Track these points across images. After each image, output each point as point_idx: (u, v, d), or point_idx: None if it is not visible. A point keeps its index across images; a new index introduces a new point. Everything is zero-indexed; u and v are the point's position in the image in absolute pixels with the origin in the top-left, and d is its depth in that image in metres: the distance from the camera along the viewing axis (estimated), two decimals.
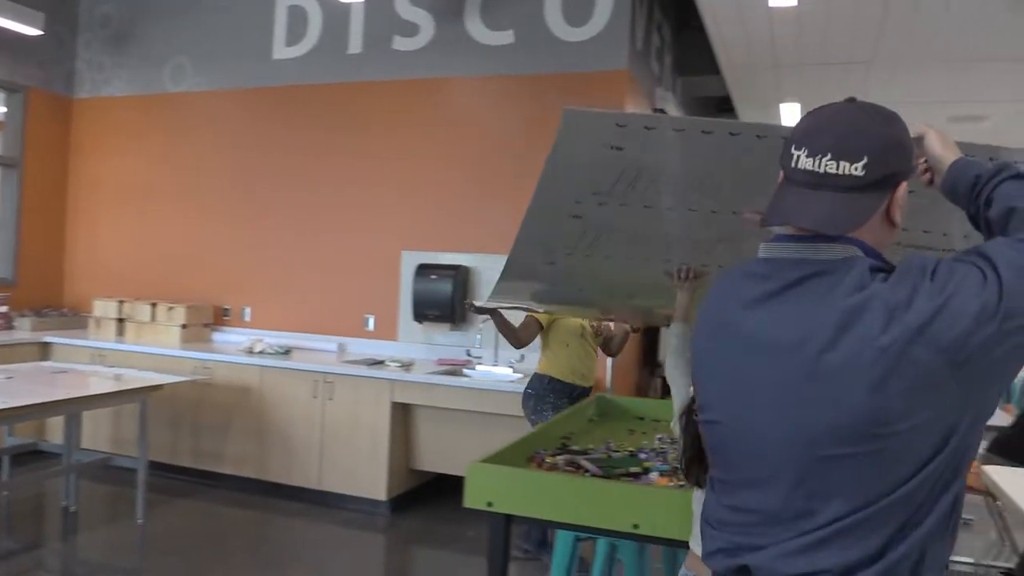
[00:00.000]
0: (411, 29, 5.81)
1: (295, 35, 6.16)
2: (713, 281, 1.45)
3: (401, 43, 5.84)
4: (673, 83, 7.14)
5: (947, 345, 1.11)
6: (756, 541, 1.26)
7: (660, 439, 3.01)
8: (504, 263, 2.57)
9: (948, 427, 1.15)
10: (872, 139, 1.22)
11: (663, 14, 6.37)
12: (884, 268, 1.21)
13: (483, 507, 2.19)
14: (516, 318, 4.21)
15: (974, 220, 1.38)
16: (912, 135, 1.33)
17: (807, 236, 1.25)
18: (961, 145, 1.46)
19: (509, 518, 2.23)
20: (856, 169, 1.20)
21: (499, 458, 2.37)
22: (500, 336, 5.25)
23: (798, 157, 1.24)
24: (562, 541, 2.91)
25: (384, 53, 5.88)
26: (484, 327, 5.27)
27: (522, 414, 4.55)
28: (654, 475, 2.37)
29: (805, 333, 1.19)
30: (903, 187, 1.26)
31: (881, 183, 1.22)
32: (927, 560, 1.19)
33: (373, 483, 5.06)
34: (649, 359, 6.26)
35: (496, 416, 4.72)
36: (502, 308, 4.01)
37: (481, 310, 3.90)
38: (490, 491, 2.20)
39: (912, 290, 1.14)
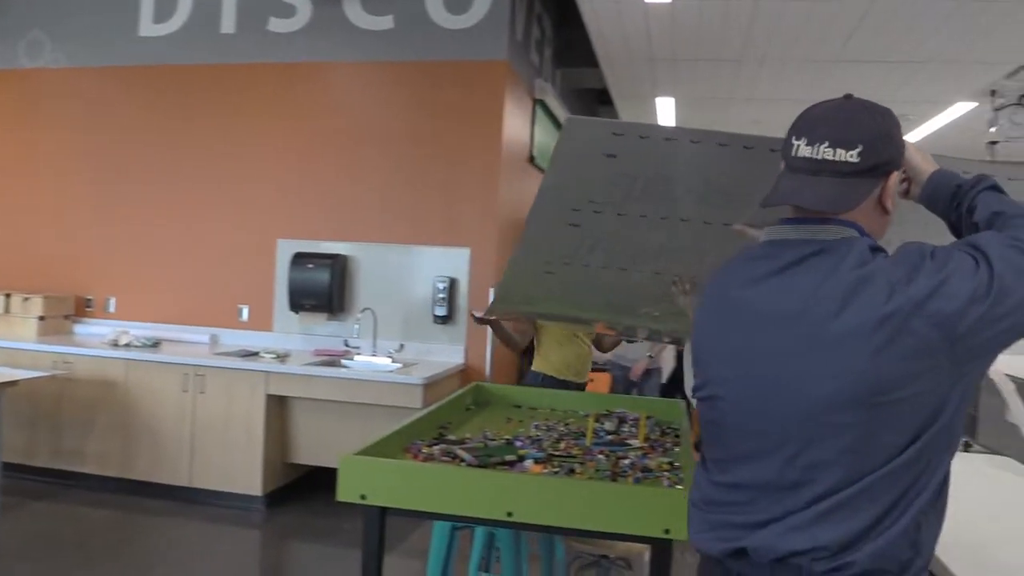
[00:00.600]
0: (287, 10, 5.63)
1: (164, 11, 5.87)
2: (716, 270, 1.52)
3: (277, 24, 5.66)
4: (553, 75, 7.21)
5: (943, 320, 1.21)
6: (751, 519, 1.32)
7: (536, 426, 3.04)
8: (504, 271, 2.54)
9: (939, 401, 1.25)
10: (866, 130, 1.33)
11: (543, 6, 6.42)
12: (882, 249, 1.32)
13: (356, 500, 2.15)
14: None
15: (954, 226, 1.48)
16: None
17: (808, 218, 1.35)
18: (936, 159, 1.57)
19: (384, 510, 2.19)
20: (852, 156, 1.31)
21: (374, 450, 2.33)
22: (378, 325, 5.23)
23: (798, 146, 1.35)
24: (438, 532, 2.90)
25: (259, 34, 5.69)
26: (362, 317, 5.20)
27: (402, 404, 4.53)
28: (529, 463, 2.39)
29: (810, 303, 1.28)
30: (894, 176, 1.38)
31: (874, 170, 1.33)
32: (923, 532, 1.27)
33: (247, 478, 4.91)
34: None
35: (375, 407, 4.67)
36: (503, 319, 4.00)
37: (482, 320, 3.89)
38: (363, 484, 2.16)
39: (912, 268, 1.24)
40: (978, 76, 6.53)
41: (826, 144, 1.32)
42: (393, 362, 5.09)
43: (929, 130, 8.50)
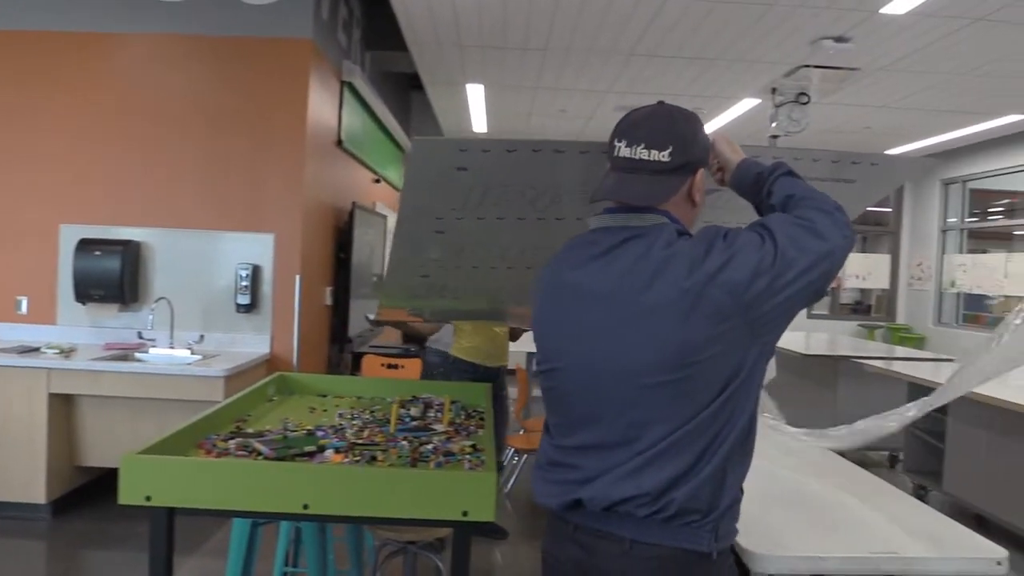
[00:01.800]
0: None
1: None
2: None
3: None
4: (362, 57, 7.08)
5: (733, 288, 1.40)
6: (585, 475, 1.49)
7: (341, 415, 2.98)
8: (384, 277, 2.56)
9: (739, 360, 1.44)
10: (676, 133, 1.54)
11: None
12: (688, 234, 1.53)
13: (141, 502, 2.03)
14: None
15: (759, 208, 1.67)
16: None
17: (627, 208, 1.55)
18: (745, 148, 1.76)
19: (172, 511, 2.08)
20: (664, 156, 1.51)
21: (161, 447, 2.21)
22: (175, 315, 4.97)
23: (619, 148, 1.55)
24: (237, 529, 2.79)
25: None
26: (157, 307, 4.90)
27: (202, 398, 4.33)
28: (329, 452, 2.34)
29: (626, 281, 1.47)
30: (700, 173, 1.60)
31: (683, 168, 1.54)
32: (729, 474, 1.47)
33: (29, 485, 4.51)
34: (339, 335, 6.20)
35: (173, 402, 4.42)
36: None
37: (380, 323, 3.76)
38: (148, 484, 2.04)
39: (709, 246, 1.45)
40: (760, 75, 7.05)
41: (642, 146, 1.52)
42: (192, 354, 4.84)
43: (720, 123, 9.09)
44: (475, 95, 8.35)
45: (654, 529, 1.43)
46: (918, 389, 5.83)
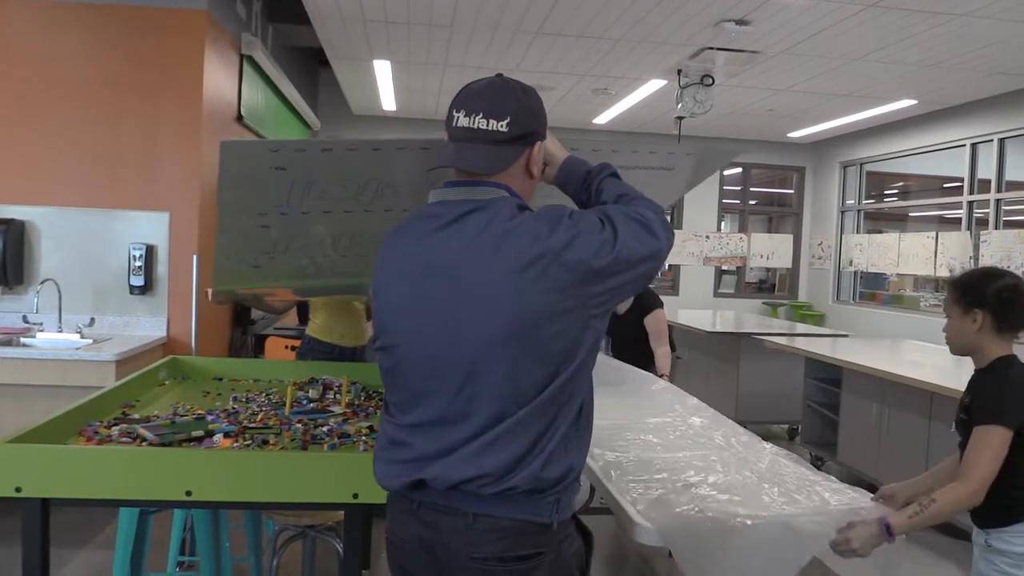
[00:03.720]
0: None
1: None
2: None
3: None
4: (264, 30, 6.87)
5: (575, 266, 1.43)
6: (426, 452, 1.48)
7: (235, 399, 2.90)
8: (214, 264, 2.47)
9: (575, 341, 1.46)
10: (514, 104, 1.55)
11: None
12: (528, 208, 1.54)
13: (10, 494, 1.93)
14: None
15: (583, 204, 1.70)
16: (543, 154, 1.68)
17: (466, 181, 1.55)
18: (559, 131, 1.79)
19: (46, 502, 1.98)
20: (502, 126, 1.52)
21: (35, 435, 2.10)
22: (64, 298, 4.75)
23: (458, 118, 1.55)
24: (124, 519, 2.68)
25: None
26: (42, 289, 4.66)
27: (92, 384, 4.14)
28: (218, 437, 2.27)
29: (467, 254, 1.46)
30: (538, 146, 1.60)
31: (520, 139, 1.55)
32: (570, 452, 1.50)
33: None
34: (243, 318, 6.03)
35: (61, 389, 4.20)
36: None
37: (221, 300, 3.54)
38: (19, 475, 1.93)
39: (553, 223, 1.46)
40: (666, 56, 7.13)
41: (480, 115, 1.52)
42: (82, 338, 4.63)
43: (628, 104, 9.17)
44: (383, 72, 8.20)
45: (497, 503, 1.45)
46: (814, 363, 6.05)
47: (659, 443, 2.88)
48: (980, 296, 2.16)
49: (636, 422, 3.18)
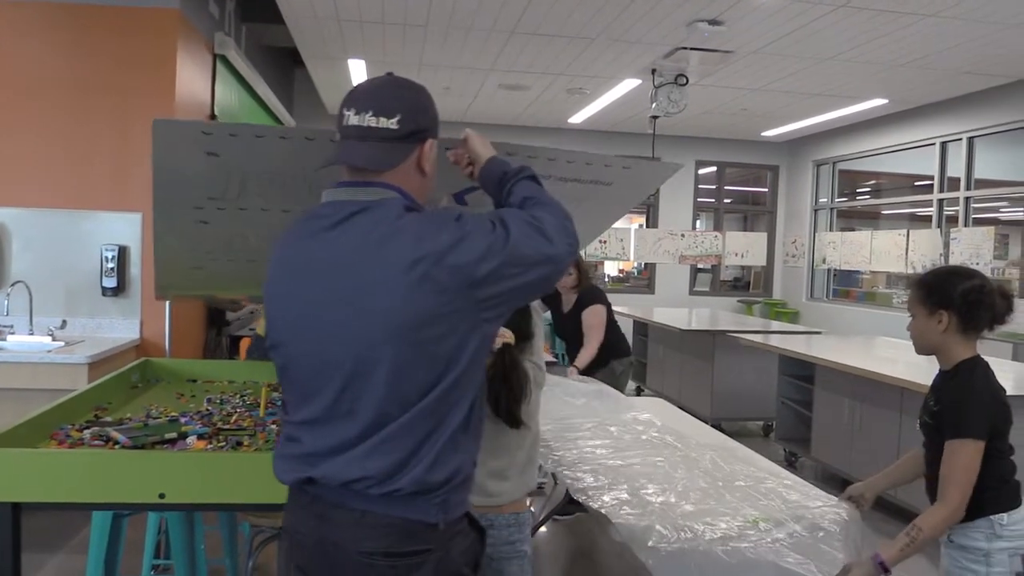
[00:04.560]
0: None
1: None
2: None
3: None
4: (237, 30, 6.82)
5: (460, 268, 1.43)
6: (315, 450, 1.49)
7: (209, 400, 2.89)
8: (154, 266, 2.44)
9: (461, 344, 1.46)
10: (404, 102, 1.56)
11: None
12: (417, 209, 1.54)
13: None
14: None
15: (498, 206, 1.70)
16: (460, 137, 1.75)
17: (356, 182, 1.54)
18: (500, 145, 1.81)
19: (16, 506, 1.96)
20: (392, 124, 1.52)
21: (8, 439, 2.08)
22: (34, 300, 4.70)
23: (348, 116, 1.54)
24: (97, 523, 2.66)
25: None
26: (13, 291, 4.61)
27: (64, 387, 4.10)
28: (192, 439, 2.26)
29: (354, 254, 1.46)
30: (429, 143, 1.60)
31: (411, 136, 1.55)
32: (457, 455, 1.50)
33: None
34: (218, 319, 5.99)
35: (33, 392, 4.14)
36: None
37: (166, 298, 3.47)
38: None
39: (440, 225, 1.46)
40: (640, 55, 7.17)
41: (370, 113, 1.52)
42: (54, 340, 4.58)
43: (603, 104, 9.21)
44: (358, 72, 8.17)
45: (385, 503, 1.46)
46: (788, 361, 6.11)
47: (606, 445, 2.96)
48: (946, 297, 2.15)
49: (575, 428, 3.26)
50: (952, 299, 2.14)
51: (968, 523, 2.13)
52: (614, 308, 4.99)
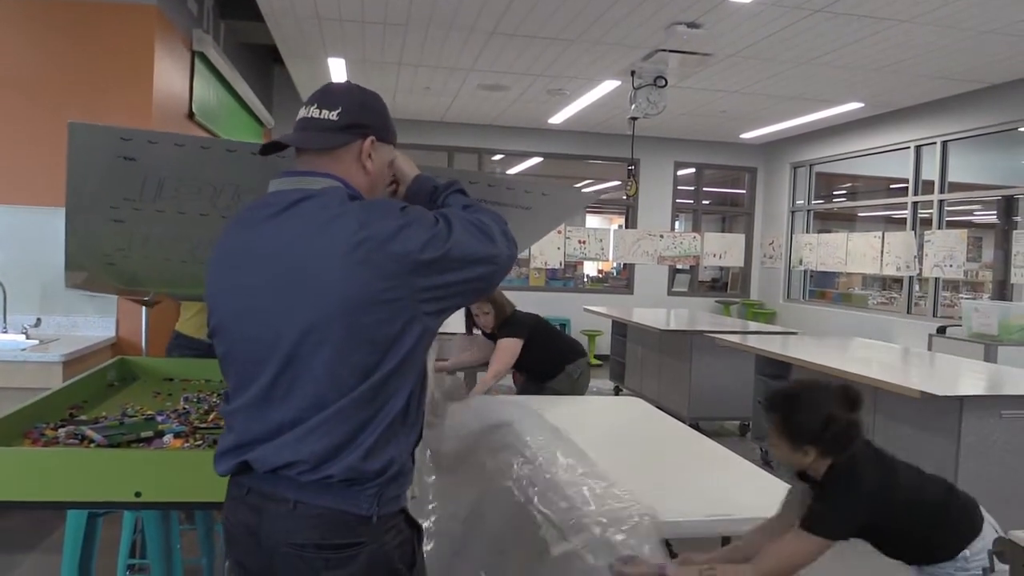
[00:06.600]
0: None
1: None
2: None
3: None
4: (216, 27, 6.78)
5: (401, 256, 1.46)
6: (250, 437, 1.51)
7: (187, 399, 2.88)
8: (64, 258, 2.44)
9: (400, 333, 1.47)
10: (349, 98, 1.65)
11: None
12: (361, 198, 1.58)
13: None
14: None
15: None
16: (388, 158, 1.71)
17: (300, 172, 1.60)
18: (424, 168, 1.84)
19: None
20: (332, 116, 1.61)
21: None
22: (8, 298, 4.65)
23: (300, 113, 1.64)
24: (72, 522, 2.63)
25: None
26: None
27: (38, 386, 4.06)
28: (168, 438, 2.26)
29: (294, 240, 1.49)
30: (371, 141, 1.64)
31: (350, 128, 1.61)
32: (392, 446, 1.50)
33: None
34: None
35: (6, 391, 4.09)
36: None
37: (77, 287, 3.43)
38: None
39: (384, 213, 1.50)
40: (620, 57, 7.20)
41: (316, 106, 1.62)
42: (28, 339, 4.54)
43: (582, 105, 9.23)
44: (337, 70, 8.15)
45: (317, 492, 1.46)
46: (764, 361, 6.16)
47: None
48: (812, 437, 2.06)
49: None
50: (818, 438, 2.05)
51: (936, 564, 2.09)
52: (593, 308, 5.00)
